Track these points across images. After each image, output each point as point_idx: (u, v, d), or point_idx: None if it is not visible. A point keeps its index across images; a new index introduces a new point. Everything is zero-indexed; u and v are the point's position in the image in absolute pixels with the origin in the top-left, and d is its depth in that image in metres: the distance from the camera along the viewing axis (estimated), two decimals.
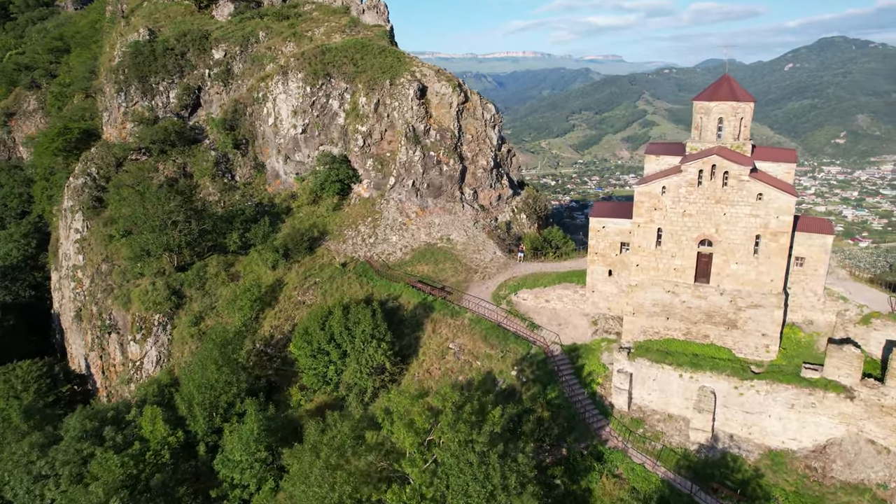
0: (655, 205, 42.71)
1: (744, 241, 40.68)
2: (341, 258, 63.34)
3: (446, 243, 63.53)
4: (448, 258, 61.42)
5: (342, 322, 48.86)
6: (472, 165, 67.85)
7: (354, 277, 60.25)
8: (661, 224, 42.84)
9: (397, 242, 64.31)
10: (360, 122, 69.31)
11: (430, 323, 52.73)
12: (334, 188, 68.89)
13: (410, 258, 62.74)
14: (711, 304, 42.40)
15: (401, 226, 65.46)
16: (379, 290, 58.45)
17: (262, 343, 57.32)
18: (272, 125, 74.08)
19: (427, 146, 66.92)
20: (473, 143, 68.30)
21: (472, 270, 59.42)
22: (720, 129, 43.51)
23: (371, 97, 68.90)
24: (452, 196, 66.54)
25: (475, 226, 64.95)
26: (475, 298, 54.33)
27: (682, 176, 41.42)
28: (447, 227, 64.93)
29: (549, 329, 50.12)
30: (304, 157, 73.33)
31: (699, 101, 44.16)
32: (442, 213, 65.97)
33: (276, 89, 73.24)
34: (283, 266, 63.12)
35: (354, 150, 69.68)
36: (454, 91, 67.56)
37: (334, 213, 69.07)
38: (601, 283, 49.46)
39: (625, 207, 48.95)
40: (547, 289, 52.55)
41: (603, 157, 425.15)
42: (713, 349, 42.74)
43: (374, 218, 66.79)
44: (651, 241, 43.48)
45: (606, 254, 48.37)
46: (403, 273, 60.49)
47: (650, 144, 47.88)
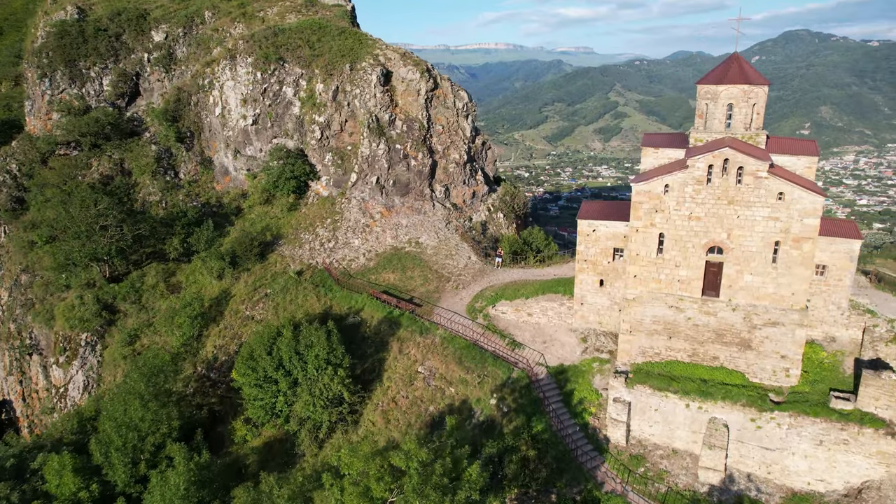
0: (657, 206, 35.96)
1: (760, 249, 34.22)
2: (297, 265, 55.43)
3: (415, 247, 56.11)
4: (417, 264, 54.06)
5: (292, 345, 41.23)
6: (444, 160, 60.42)
7: (311, 288, 52.49)
8: (664, 228, 36.14)
9: (360, 247, 56.64)
10: (317, 111, 61.18)
11: (396, 342, 45.36)
12: (289, 186, 60.79)
13: (375, 265, 55.18)
14: (722, 321, 35.93)
15: (364, 228, 57.78)
16: (338, 303, 50.85)
17: (204, 366, 49.24)
18: (219, 116, 65.40)
19: (392, 138, 59.21)
20: (444, 135, 60.84)
21: (445, 278, 52.16)
22: (730, 117, 36.89)
23: (329, 84, 60.79)
24: (421, 194, 59.07)
25: (447, 227, 57.63)
26: (448, 312, 47.14)
27: (689, 172, 34.70)
28: (416, 229, 57.49)
29: (533, 347, 43.24)
30: (256, 151, 64.92)
31: (705, 84, 37.44)
32: (410, 213, 58.46)
33: (223, 76, 64.52)
34: (231, 275, 54.96)
35: (311, 144, 61.57)
36: (422, 77, 59.89)
37: (290, 214, 61.00)
38: (591, 294, 42.72)
39: (618, 208, 42.18)
40: (529, 301, 45.59)
41: (576, 148, 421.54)
42: (724, 373, 36.34)
43: (334, 219, 58.95)
44: (651, 249, 36.77)
45: (597, 261, 41.60)
46: (367, 282, 52.96)
47: (647, 135, 41.11)
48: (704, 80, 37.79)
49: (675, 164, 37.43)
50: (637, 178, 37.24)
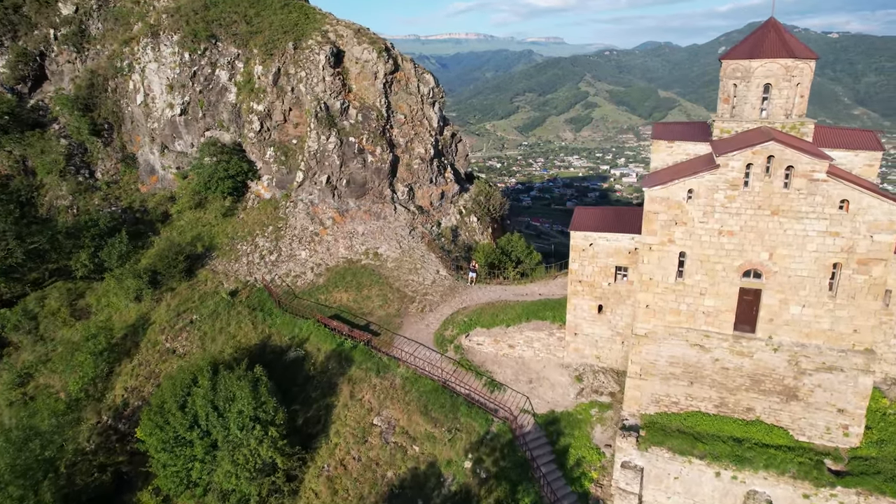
0: (677, 217, 27.24)
1: (813, 273, 25.83)
2: (231, 284, 45.41)
3: (373, 260, 46.61)
4: (375, 281, 44.61)
5: (209, 397, 31.58)
6: (407, 155, 50.87)
7: (246, 312, 42.63)
8: (686, 246, 27.47)
9: (307, 260, 46.88)
10: (255, 98, 50.87)
11: (346, 384, 35.99)
12: (224, 187, 50.51)
13: (325, 281, 45.54)
14: (759, 364, 27.53)
15: (312, 237, 47.98)
16: (279, 331, 41.18)
17: (111, 414, 39.10)
18: (142, 105, 54.50)
19: (345, 130, 49.39)
20: (407, 126, 51.25)
21: (408, 298, 42.87)
22: (765, 101, 28.28)
23: (269, 65, 50.48)
24: (381, 195, 49.48)
25: (411, 234, 48.23)
26: (411, 343, 38.03)
27: (720, 174, 26.02)
28: (374, 238, 47.94)
29: (517, 389, 34.45)
30: (187, 146, 54.32)
31: (733, 59, 28.73)
32: (367, 218, 48.87)
33: (143, 57, 53.55)
34: (151, 297, 44.66)
35: (250, 137, 51.30)
36: (380, 57, 50.07)
37: (225, 221, 50.77)
38: (587, 322, 34.01)
39: (619, 216, 33.40)
40: (511, 329, 36.67)
41: (547, 138, 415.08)
42: (761, 430, 28.04)
43: (277, 227, 48.97)
44: (669, 272, 28.10)
45: (595, 283, 32.86)
46: (314, 304, 43.40)
47: (659, 126, 32.38)
48: (732, 53, 29.06)
49: (697, 161, 28.73)
50: (649, 180, 28.43)
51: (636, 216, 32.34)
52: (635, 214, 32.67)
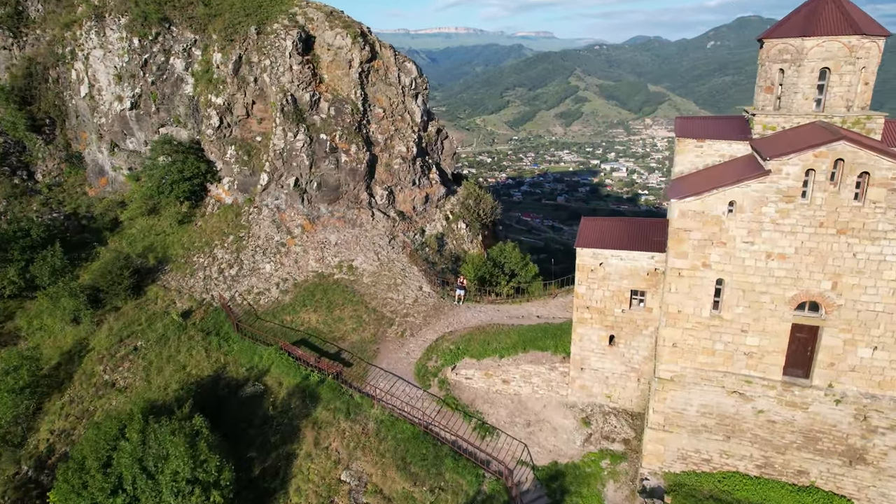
0: (714, 236, 21.47)
1: (892, 308, 20.20)
2: (184, 302, 39.22)
3: (347, 274, 40.57)
4: (349, 299, 38.61)
5: (136, 455, 25.53)
6: (386, 153, 44.77)
7: (200, 337, 36.49)
8: (724, 271, 21.73)
9: (272, 274, 40.75)
10: (214, 90, 44.47)
11: (310, 428, 30.03)
12: (180, 191, 44.17)
13: (292, 299, 39.46)
14: (816, 418, 21.91)
15: (278, 247, 41.83)
16: (237, 359, 35.14)
17: (33, 464, 32.86)
18: (87, 97, 47.89)
19: (316, 125, 43.20)
20: (387, 121, 45.11)
21: (386, 320, 36.92)
22: (822, 90, 22.52)
23: (229, 53, 44.07)
24: (356, 200, 43.39)
25: (391, 244, 42.21)
26: (388, 376, 32.17)
27: (772, 182, 20.26)
28: (349, 248, 41.88)
29: (512, 434, 28.73)
30: (140, 144, 47.84)
31: (779, 38, 22.91)
32: (341, 225, 42.78)
33: (87, 42, 46.89)
34: (90, 319, 38.36)
35: (208, 134, 44.92)
36: (355, 43, 43.83)
37: (181, 229, 44.43)
38: (596, 355, 28.26)
39: (634, 230, 27.57)
40: (505, 361, 30.85)
41: (537, 133, 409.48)
42: (818, 499, 22.45)
43: (239, 235, 42.75)
44: (703, 303, 22.36)
45: (605, 309, 27.09)
46: (279, 326, 37.39)
47: (683, 120, 26.52)
48: (778, 31, 23.21)
49: (736, 165, 22.94)
50: (678, 189, 22.61)
51: (656, 230, 26.57)
52: (654, 228, 26.90)
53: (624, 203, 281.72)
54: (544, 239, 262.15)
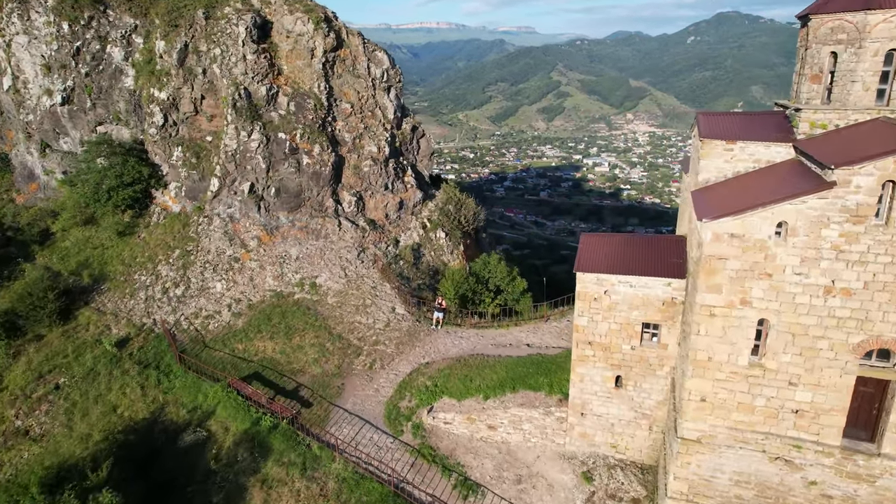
0: (756, 265, 16.60)
1: None
2: (121, 329, 33.53)
3: (309, 293, 35.20)
4: (311, 324, 33.26)
5: None
6: (354, 154, 39.37)
7: (136, 372, 30.92)
8: (770, 310, 16.88)
9: (224, 294, 35.21)
10: (157, 83, 38.60)
11: (259, 487, 24.74)
12: (119, 198, 38.32)
13: (245, 324, 33.98)
14: (887, 494, 17.23)
15: (231, 263, 36.28)
16: (179, 398, 29.69)
17: None
18: (11, 90, 41.63)
19: (274, 123, 37.63)
20: (355, 118, 39.68)
21: (353, 349, 31.68)
22: (887, 78, 17.72)
23: (173, 40, 38.21)
24: (320, 207, 37.97)
25: (360, 258, 36.90)
26: (354, 419, 27.03)
27: (836, 198, 15.39)
28: (312, 263, 36.48)
29: (500, 492, 23.76)
30: (76, 143, 41.75)
31: (832, 14, 18.03)
32: (303, 236, 37.33)
33: (9, 27, 40.58)
34: (6, 351, 32.46)
35: (151, 133, 39.06)
36: (318, 29, 38.27)
37: (122, 242, 38.59)
38: (600, 399, 23.39)
39: (644, 249, 22.64)
40: (491, 402, 25.82)
41: (520, 128, 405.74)
42: None
43: (187, 249, 37.08)
44: (740, 348, 17.51)
45: (612, 345, 22.20)
46: (229, 356, 31.95)
47: (707, 118, 21.52)
48: (830, 4, 18.32)
49: (780, 173, 18.07)
50: (708, 205, 17.68)
51: (672, 249, 21.70)
52: (670, 247, 22.03)
53: (607, 198, 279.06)
54: (527, 235, 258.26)
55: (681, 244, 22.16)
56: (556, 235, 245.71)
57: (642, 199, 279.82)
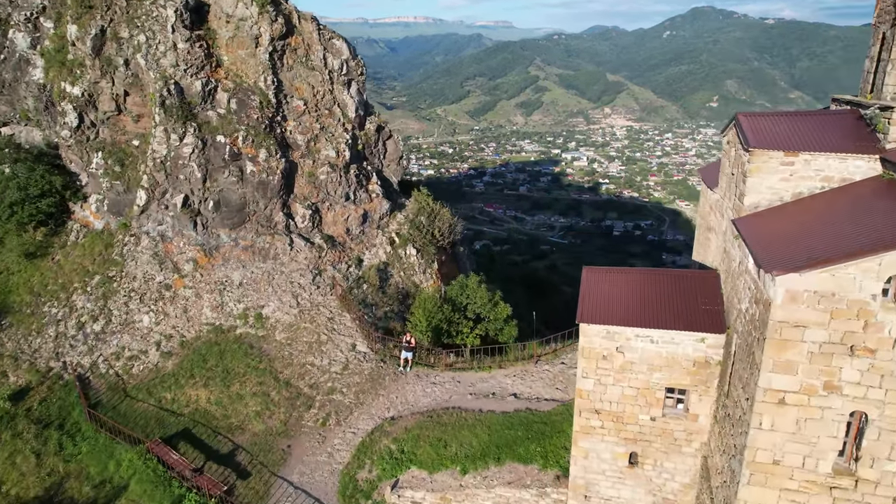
0: (848, 336, 11.22)
1: None
2: (21, 375, 27.22)
3: (254, 327, 29.25)
4: (254, 366, 27.35)
5: None
6: (308, 160, 33.38)
7: (32, 434, 24.77)
8: (867, 398, 11.55)
9: (152, 330, 29.08)
10: (69, 76, 32.05)
11: None
12: (26, 214, 31.75)
13: (176, 366, 27.92)
14: None
15: (161, 291, 30.11)
16: (85, 467, 23.78)
17: None
18: None
19: (211, 124, 31.45)
20: (309, 117, 33.65)
21: (304, 399, 25.91)
22: None
23: (87, 25, 31.66)
24: (269, 223, 31.94)
25: (316, 282, 31.03)
26: (301, 496, 21.29)
27: None
28: (258, 290, 30.50)
29: None
30: None
31: None
32: (248, 258, 31.29)
33: None
34: None
35: (64, 136, 32.52)
36: (263, 13, 32.09)
37: (31, 266, 32.04)
38: (610, 480, 18.02)
39: (664, 289, 17.21)
40: (470, 479, 20.31)
41: (498, 123, 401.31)
42: None
43: (109, 275, 30.77)
44: (822, 449, 12.18)
45: (625, 415, 16.84)
46: (155, 408, 26.01)
47: (754, 120, 16.03)
48: None
49: (866, 198, 12.74)
50: (764, 247, 12.26)
51: (703, 291, 16.42)
52: (699, 287, 16.74)
53: (585, 192, 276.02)
54: (507, 230, 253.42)
55: (714, 284, 16.87)
56: (536, 230, 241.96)
57: (621, 192, 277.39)
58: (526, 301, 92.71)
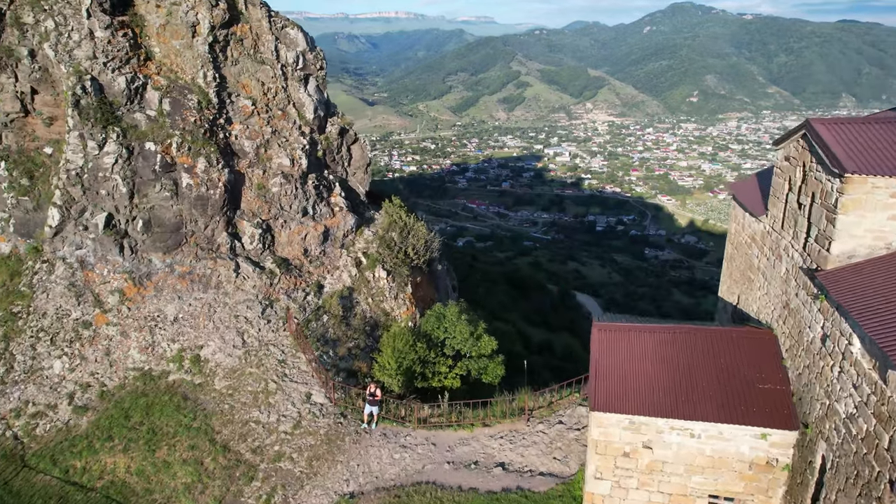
0: None
1: None
2: None
3: (190, 372, 24.15)
4: (186, 424, 22.27)
5: None
6: (258, 170, 28.23)
7: None
8: None
9: (65, 378, 23.83)
10: None
11: None
12: None
13: (91, 425, 22.72)
14: None
15: (78, 330, 24.82)
16: None
17: None
18: None
19: (139, 129, 26.14)
20: (259, 120, 28.48)
21: (245, 468, 20.90)
22: None
23: None
24: (210, 245, 26.78)
25: (265, 315, 25.99)
26: None
27: None
28: (196, 327, 25.38)
29: None
30: None
31: None
32: (185, 287, 26.10)
33: None
34: None
35: None
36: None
37: None
38: None
39: (702, 356, 12.54)
40: None
41: (481, 118, 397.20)
42: None
43: (13, 311, 25.36)
44: None
45: None
46: (58, 482, 20.83)
47: (834, 129, 11.39)
48: None
49: None
50: (881, 325, 7.58)
51: (758, 362, 11.83)
52: (753, 356, 12.16)
53: (568, 188, 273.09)
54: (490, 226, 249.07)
55: (771, 351, 12.33)
56: (520, 226, 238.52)
57: (603, 188, 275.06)
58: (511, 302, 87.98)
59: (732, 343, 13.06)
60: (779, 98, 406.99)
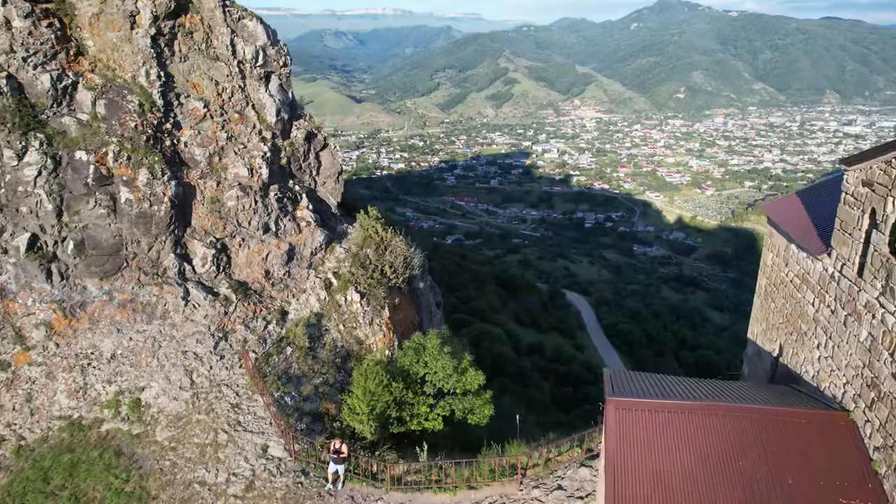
0: None
1: None
2: None
3: (128, 420, 20.51)
4: (118, 488, 18.62)
5: None
6: (212, 181, 24.56)
7: None
8: None
9: None
10: None
11: None
12: None
13: (2, 491, 19.01)
14: None
15: None
16: None
17: None
18: None
19: (69, 136, 22.36)
20: (212, 123, 24.80)
21: None
22: None
23: None
24: (155, 269, 23.10)
25: (219, 349, 22.39)
26: None
27: None
28: (137, 366, 21.74)
29: None
30: None
31: None
32: (126, 319, 22.42)
33: None
34: None
35: None
36: None
37: None
38: None
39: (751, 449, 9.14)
40: None
41: (469, 115, 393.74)
42: None
43: None
44: None
45: None
46: None
47: None
48: None
49: None
50: None
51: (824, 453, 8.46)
52: (813, 445, 8.79)
53: (557, 184, 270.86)
54: (479, 223, 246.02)
55: (854, 449, 9.03)
56: (508, 223, 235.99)
57: (591, 184, 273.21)
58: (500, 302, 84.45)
59: (790, 433, 9.76)
60: (764, 94, 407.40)
